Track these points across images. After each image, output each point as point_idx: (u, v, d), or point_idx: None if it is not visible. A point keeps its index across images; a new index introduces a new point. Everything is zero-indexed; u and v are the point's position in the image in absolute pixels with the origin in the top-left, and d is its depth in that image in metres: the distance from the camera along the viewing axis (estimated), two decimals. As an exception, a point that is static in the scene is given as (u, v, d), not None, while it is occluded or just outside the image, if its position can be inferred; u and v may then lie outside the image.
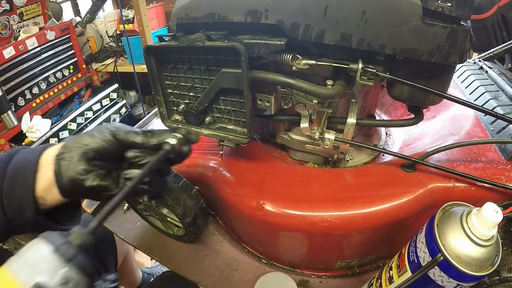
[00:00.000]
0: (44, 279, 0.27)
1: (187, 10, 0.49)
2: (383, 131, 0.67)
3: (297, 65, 0.44)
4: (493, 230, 0.32)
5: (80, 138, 0.42)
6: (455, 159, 0.51)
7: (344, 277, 0.57)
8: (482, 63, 0.76)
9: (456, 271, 0.32)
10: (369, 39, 0.39)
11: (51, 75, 1.81)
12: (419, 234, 0.38)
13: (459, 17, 0.39)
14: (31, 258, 0.28)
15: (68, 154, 0.41)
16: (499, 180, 0.46)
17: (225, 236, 0.66)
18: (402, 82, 0.44)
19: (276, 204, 0.50)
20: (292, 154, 0.65)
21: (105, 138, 0.42)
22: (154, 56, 0.51)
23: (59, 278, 0.27)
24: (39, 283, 0.27)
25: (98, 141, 0.42)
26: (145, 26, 1.78)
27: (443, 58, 0.40)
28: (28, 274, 0.27)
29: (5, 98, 1.50)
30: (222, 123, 0.54)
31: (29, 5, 1.84)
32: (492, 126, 0.56)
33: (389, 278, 0.42)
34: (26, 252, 0.29)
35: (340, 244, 0.52)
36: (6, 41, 1.75)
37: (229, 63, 0.47)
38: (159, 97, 0.56)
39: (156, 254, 0.65)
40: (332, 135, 0.52)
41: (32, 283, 0.26)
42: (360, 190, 0.51)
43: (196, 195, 0.59)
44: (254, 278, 0.57)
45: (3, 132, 1.56)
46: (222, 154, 0.63)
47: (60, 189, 0.42)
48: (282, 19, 0.42)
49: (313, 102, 0.49)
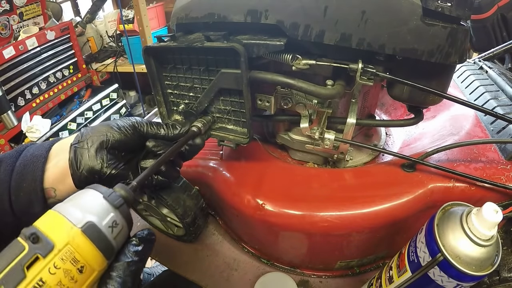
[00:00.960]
0: (95, 219, 0.29)
1: (187, 10, 0.49)
2: (383, 131, 0.67)
3: (297, 65, 0.44)
4: (493, 230, 0.32)
5: (98, 128, 0.43)
6: (455, 159, 0.51)
7: (344, 277, 0.57)
8: (482, 63, 0.76)
9: (456, 271, 0.32)
10: (369, 39, 0.39)
11: (51, 75, 1.82)
12: (419, 234, 0.38)
13: (459, 17, 0.39)
14: (82, 202, 0.30)
15: (86, 143, 0.41)
16: (499, 180, 0.46)
17: (225, 236, 0.66)
18: (402, 82, 0.44)
19: (276, 204, 0.50)
20: (292, 154, 0.65)
21: (126, 131, 0.43)
22: (153, 56, 0.51)
23: (109, 220, 0.30)
24: (91, 221, 0.28)
25: (118, 133, 0.43)
26: (145, 26, 1.78)
27: (443, 58, 0.40)
28: (80, 214, 0.29)
29: (5, 98, 1.50)
30: (222, 123, 0.54)
31: (29, 5, 1.84)
32: (492, 126, 0.56)
33: (389, 278, 0.42)
34: (76, 198, 0.31)
35: (340, 244, 0.52)
36: (6, 41, 1.75)
37: (228, 64, 0.47)
38: (159, 97, 0.56)
39: (156, 254, 0.65)
40: (332, 135, 0.52)
41: (84, 222, 0.28)
42: (360, 190, 0.51)
43: (196, 195, 0.59)
44: (254, 278, 0.57)
45: (3, 132, 1.57)
46: (222, 154, 0.63)
47: (75, 178, 0.41)
48: (282, 19, 0.42)
49: (313, 102, 0.49)
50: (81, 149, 0.41)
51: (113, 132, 0.42)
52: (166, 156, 0.41)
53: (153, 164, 0.39)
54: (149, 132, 0.45)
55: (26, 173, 0.42)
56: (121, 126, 0.43)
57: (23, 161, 0.42)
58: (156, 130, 0.45)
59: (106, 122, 0.44)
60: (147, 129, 0.45)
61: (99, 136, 0.42)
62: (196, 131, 0.47)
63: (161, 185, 0.48)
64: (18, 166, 0.42)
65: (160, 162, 0.40)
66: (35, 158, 0.42)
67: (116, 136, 0.42)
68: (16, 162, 0.42)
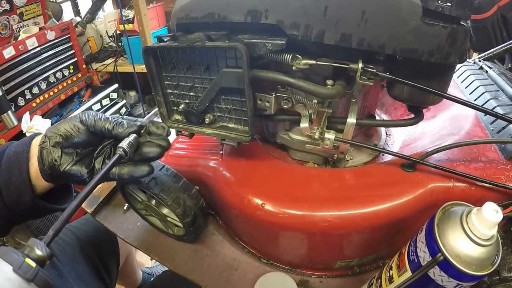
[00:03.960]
0: None
1: (187, 10, 0.49)
2: (383, 131, 0.67)
3: (297, 65, 0.44)
4: (493, 229, 0.32)
5: (58, 127, 0.46)
6: (455, 159, 0.51)
7: (344, 277, 0.57)
8: (482, 63, 0.76)
9: (456, 270, 0.32)
10: (369, 39, 0.39)
11: (51, 75, 1.81)
12: (419, 234, 0.38)
13: (459, 17, 0.39)
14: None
15: (48, 143, 0.45)
16: (499, 180, 0.46)
17: (225, 236, 0.66)
18: (402, 82, 0.44)
19: (276, 204, 0.50)
20: (292, 154, 0.65)
21: (74, 125, 0.45)
22: (153, 56, 0.51)
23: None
24: None
25: (68, 128, 0.45)
26: (145, 26, 1.78)
27: (443, 58, 0.40)
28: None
29: (5, 98, 1.50)
30: (223, 122, 0.54)
31: (29, 5, 1.84)
32: (492, 126, 0.56)
33: (389, 277, 0.42)
34: None
35: (340, 244, 0.52)
36: (6, 41, 1.75)
37: (229, 63, 0.47)
38: (159, 97, 0.56)
39: (156, 254, 0.65)
40: (332, 135, 0.53)
41: None
42: (360, 190, 0.51)
43: (196, 195, 0.59)
44: (254, 278, 0.57)
45: (3, 132, 1.56)
46: (222, 154, 0.63)
47: (43, 174, 0.46)
48: (282, 19, 0.42)
49: (313, 102, 0.49)
50: (44, 148, 0.45)
51: (67, 131, 0.45)
52: (86, 193, 0.38)
53: (68, 210, 0.35)
54: (95, 125, 0.45)
55: (13, 168, 0.46)
56: (71, 121, 0.46)
57: (8, 159, 0.47)
58: (103, 124, 0.45)
59: (68, 119, 0.46)
60: (93, 122, 0.45)
61: (56, 135, 0.45)
62: (122, 154, 0.42)
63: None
64: (4, 164, 0.46)
65: (81, 199, 0.36)
66: (19, 155, 0.47)
67: (69, 134, 0.45)
68: (1, 161, 0.47)
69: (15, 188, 0.46)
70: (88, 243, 0.83)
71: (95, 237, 0.86)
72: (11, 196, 0.46)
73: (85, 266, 0.79)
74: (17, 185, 0.46)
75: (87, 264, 0.80)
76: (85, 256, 0.81)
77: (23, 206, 0.47)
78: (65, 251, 0.78)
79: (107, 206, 0.76)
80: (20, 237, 1.41)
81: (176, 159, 0.65)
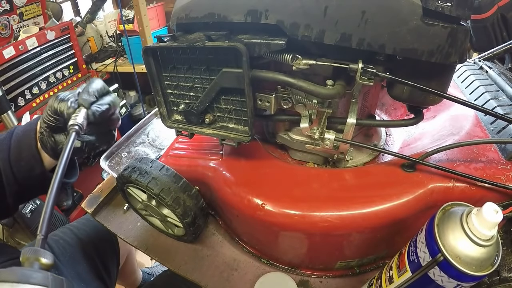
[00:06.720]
0: None
1: (187, 10, 0.49)
2: (383, 131, 0.67)
3: (297, 65, 0.44)
4: (493, 230, 0.32)
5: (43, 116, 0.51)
6: (455, 159, 0.51)
7: (344, 277, 0.57)
8: (482, 63, 0.76)
9: (456, 271, 0.32)
10: (369, 39, 0.39)
11: (51, 75, 1.81)
12: (419, 234, 0.38)
13: (459, 17, 0.39)
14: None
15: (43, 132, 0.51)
16: (499, 180, 0.46)
17: (225, 236, 0.66)
18: (402, 82, 0.44)
19: (276, 204, 0.50)
20: (292, 154, 0.65)
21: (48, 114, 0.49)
22: (153, 56, 0.51)
23: None
24: None
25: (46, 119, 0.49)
26: (145, 26, 1.78)
27: (443, 58, 0.40)
28: None
29: (5, 98, 1.50)
30: (223, 122, 0.54)
31: (29, 5, 1.84)
32: (492, 126, 0.56)
33: (389, 278, 0.42)
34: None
35: (340, 244, 0.52)
36: (6, 41, 1.75)
37: (229, 63, 0.47)
38: (159, 97, 0.56)
39: (156, 254, 0.65)
40: (332, 135, 0.52)
41: None
42: (360, 190, 0.51)
43: (196, 195, 0.59)
44: (254, 278, 0.57)
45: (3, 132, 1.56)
46: (222, 154, 0.63)
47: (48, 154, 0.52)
48: (282, 19, 0.42)
49: (313, 102, 0.49)
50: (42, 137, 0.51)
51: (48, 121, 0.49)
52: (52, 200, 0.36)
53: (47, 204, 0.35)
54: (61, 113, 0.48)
55: (23, 145, 0.51)
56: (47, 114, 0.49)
57: (17, 138, 0.52)
58: (56, 105, 0.48)
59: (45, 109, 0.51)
60: (58, 111, 0.48)
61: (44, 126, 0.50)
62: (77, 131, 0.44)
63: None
64: (14, 143, 0.51)
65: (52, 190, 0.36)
66: (27, 133, 0.52)
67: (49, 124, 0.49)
68: (11, 140, 0.51)
69: (26, 162, 0.50)
70: (88, 243, 0.83)
71: (95, 237, 0.86)
72: (22, 171, 0.50)
73: (85, 266, 0.79)
74: (27, 160, 0.50)
75: (87, 264, 0.80)
76: (85, 256, 0.81)
77: (34, 180, 0.51)
78: (65, 251, 0.78)
79: (107, 206, 0.76)
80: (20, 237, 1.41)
81: (176, 159, 0.65)
